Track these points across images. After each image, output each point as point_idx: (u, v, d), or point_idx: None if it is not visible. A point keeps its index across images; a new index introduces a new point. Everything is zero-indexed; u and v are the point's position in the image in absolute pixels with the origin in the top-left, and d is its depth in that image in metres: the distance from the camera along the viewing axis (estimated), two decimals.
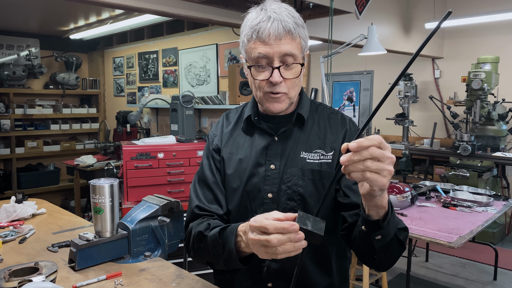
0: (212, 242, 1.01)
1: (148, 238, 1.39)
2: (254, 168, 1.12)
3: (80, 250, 1.25)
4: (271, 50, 0.99)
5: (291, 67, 1.03)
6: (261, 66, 1.03)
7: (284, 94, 1.05)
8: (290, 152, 1.11)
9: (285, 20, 0.99)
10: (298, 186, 1.08)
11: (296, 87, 1.07)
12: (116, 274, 1.23)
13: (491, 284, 3.35)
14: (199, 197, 1.16)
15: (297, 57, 1.02)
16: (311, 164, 1.10)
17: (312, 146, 1.11)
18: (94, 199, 1.31)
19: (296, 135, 1.13)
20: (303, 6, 3.12)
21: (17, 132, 5.63)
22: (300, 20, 1.05)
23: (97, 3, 2.48)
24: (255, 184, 1.10)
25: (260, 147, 1.13)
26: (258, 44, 1.00)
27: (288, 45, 1.00)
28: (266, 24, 0.99)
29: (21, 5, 4.35)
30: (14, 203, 1.83)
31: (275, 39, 0.99)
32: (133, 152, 2.87)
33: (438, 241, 2.27)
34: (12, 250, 1.45)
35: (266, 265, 1.09)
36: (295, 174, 1.09)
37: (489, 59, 4.33)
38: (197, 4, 2.81)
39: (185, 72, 5.32)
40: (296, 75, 1.04)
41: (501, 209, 2.93)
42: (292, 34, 1.00)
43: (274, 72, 1.01)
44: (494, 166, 4.29)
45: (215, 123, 1.29)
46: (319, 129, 1.14)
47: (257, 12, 1.03)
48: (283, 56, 1.00)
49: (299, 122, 1.14)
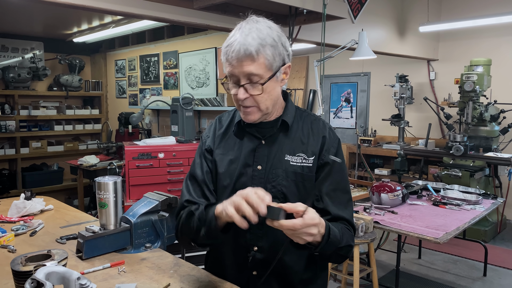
0: (198, 214, 1.19)
1: (149, 231, 1.52)
2: (243, 168, 1.24)
3: (87, 241, 1.38)
4: (236, 70, 1.12)
5: (255, 85, 1.14)
6: (231, 83, 1.16)
7: (254, 107, 1.17)
8: (276, 155, 1.24)
9: (248, 43, 1.09)
10: (281, 186, 1.21)
11: (266, 101, 1.17)
12: (120, 263, 1.36)
13: (481, 280, 3.46)
14: (190, 192, 1.27)
15: (262, 75, 1.13)
16: (294, 166, 1.22)
17: (295, 149, 1.24)
18: (99, 194, 1.43)
19: (281, 140, 1.25)
20: (298, 12, 3.24)
21: (22, 132, 5.78)
22: (270, 39, 1.12)
23: (100, 10, 2.60)
24: (244, 182, 1.23)
25: (248, 150, 1.25)
26: (227, 64, 1.14)
27: (249, 67, 1.10)
28: (231, 48, 1.11)
29: (26, 9, 4.49)
30: (23, 200, 1.96)
31: (237, 61, 1.10)
32: (135, 152, 3.00)
33: (425, 237, 2.38)
34: (23, 242, 1.57)
35: (251, 255, 1.23)
36: (279, 175, 1.22)
37: (481, 62, 4.44)
38: (196, 11, 2.93)
39: (185, 74, 5.45)
40: (260, 92, 1.15)
41: (489, 207, 3.04)
42: (253, 57, 1.09)
43: (240, 89, 1.14)
44: (486, 166, 4.39)
45: (208, 125, 1.41)
46: (303, 134, 1.26)
47: (233, 32, 1.15)
48: (247, 75, 1.12)
49: (284, 128, 1.26)
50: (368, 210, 2.80)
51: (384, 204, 2.91)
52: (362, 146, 5.55)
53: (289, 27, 3.28)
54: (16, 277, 1.10)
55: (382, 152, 5.48)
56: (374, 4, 4.06)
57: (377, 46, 4.26)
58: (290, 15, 3.23)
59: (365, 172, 5.50)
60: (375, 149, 5.57)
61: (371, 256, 2.77)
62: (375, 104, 6.17)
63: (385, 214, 2.76)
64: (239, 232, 1.17)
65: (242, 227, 1.03)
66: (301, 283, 1.26)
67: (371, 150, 5.60)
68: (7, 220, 1.82)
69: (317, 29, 3.42)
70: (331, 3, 3.02)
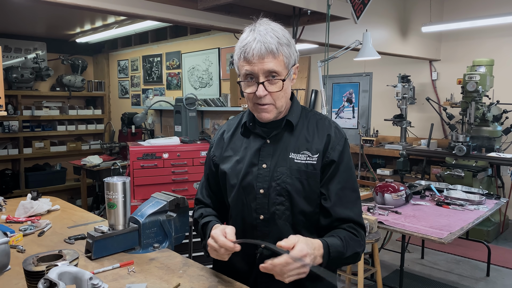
0: (199, 230, 1.37)
1: (157, 231, 1.53)
2: (249, 167, 1.27)
3: (96, 241, 1.39)
4: (255, 68, 1.15)
5: (275, 82, 1.18)
6: (249, 81, 1.19)
7: (270, 105, 1.21)
8: (280, 153, 1.26)
9: (268, 41, 1.14)
10: (286, 184, 1.23)
11: (282, 98, 1.21)
12: (129, 263, 1.37)
13: (484, 280, 3.47)
14: (201, 192, 1.44)
15: (281, 72, 1.17)
16: (298, 164, 1.24)
17: (300, 148, 1.25)
18: (108, 195, 1.44)
19: (286, 138, 1.27)
20: (302, 13, 3.24)
21: (25, 133, 5.79)
22: (285, 39, 1.18)
23: (104, 11, 2.61)
24: (249, 181, 1.26)
25: (254, 149, 1.28)
26: (244, 63, 1.17)
27: (270, 63, 1.15)
28: (250, 46, 1.15)
29: (29, 10, 4.50)
30: (30, 200, 1.97)
31: (258, 58, 1.14)
32: (140, 153, 3.01)
33: (430, 237, 2.39)
34: (32, 242, 1.58)
35: (259, 252, 1.25)
36: (284, 173, 1.23)
37: (484, 62, 4.44)
38: (200, 11, 2.94)
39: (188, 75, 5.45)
40: (280, 88, 1.19)
41: (492, 207, 3.05)
42: (274, 54, 1.15)
43: (259, 86, 1.17)
44: (488, 166, 4.40)
45: (218, 130, 1.46)
46: (308, 133, 1.28)
47: (247, 33, 1.18)
48: (267, 72, 1.16)
49: (289, 127, 1.28)
50: (372, 210, 2.81)
51: (388, 204, 2.92)
52: (364, 146, 5.56)
53: (293, 27, 3.29)
54: (28, 277, 1.11)
55: (384, 152, 5.48)
56: (376, 4, 4.07)
57: (379, 47, 4.26)
58: (294, 15, 3.23)
59: (367, 172, 5.51)
60: (377, 149, 5.57)
61: (375, 256, 2.77)
62: (377, 104, 6.17)
63: (389, 214, 2.77)
64: (247, 229, 1.25)
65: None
66: (308, 279, 1.27)
67: (373, 150, 5.60)
68: (14, 220, 1.83)
69: (320, 30, 3.43)
70: (334, 4, 3.02)
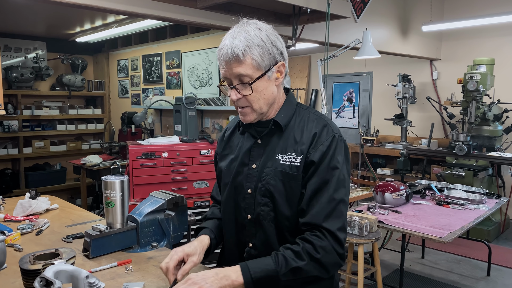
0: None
1: (155, 230, 1.52)
2: (240, 167, 1.28)
3: (94, 240, 1.38)
4: (227, 73, 1.17)
5: (246, 85, 1.16)
6: (226, 85, 1.21)
7: (247, 107, 1.20)
8: (269, 153, 1.25)
9: (235, 46, 1.13)
10: (269, 185, 1.21)
11: (259, 100, 1.19)
12: (127, 262, 1.36)
13: (485, 280, 3.46)
14: (216, 189, 1.47)
15: (251, 75, 1.15)
16: (283, 165, 1.21)
17: (288, 148, 1.23)
18: (106, 193, 1.43)
19: (276, 138, 1.26)
20: (302, 12, 3.23)
21: (25, 132, 5.78)
22: (258, 39, 1.14)
23: (104, 10, 2.61)
24: (240, 181, 1.27)
25: (245, 149, 1.29)
26: (221, 67, 1.19)
27: (237, 68, 1.14)
28: (220, 52, 1.17)
29: (29, 9, 4.50)
30: (29, 199, 1.96)
31: (226, 64, 1.16)
32: (139, 152, 3.00)
33: (430, 237, 2.38)
34: (30, 241, 1.58)
35: (247, 251, 1.27)
36: (269, 174, 1.22)
37: (485, 61, 4.43)
38: (200, 10, 2.93)
39: (188, 74, 5.45)
40: (250, 91, 1.17)
41: (493, 206, 3.04)
42: (239, 58, 1.13)
43: (232, 91, 1.19)
44: (489, 166, 4.39)
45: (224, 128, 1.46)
46: (298, 133, 1.24)
47: (225, 37, 1.18)
48: (238, 76, 1.16)
49: (278, 127, 1.26)
50: (372, 209, 2.80)
51: (388, 203, 2.91)
52: (364, 145, 5.55)
53: (293, 26, 3.28)
54: (24, 275, 1.10)
55: (385, 152, 5.48)
56: (376, 3, 4.06)
57: (379, 46, 4.25)
58: (293, 14, 3.22)
59: (368, 171, 5.50)
60: (378, 149, 5.56)
61: (375, 255, 2.76)
62: (377, 103, 6.16)
63: (389, 214, 2.76)
64: (239, 228, 1.27)
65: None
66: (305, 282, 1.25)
67: (373, 150, 5.59)
68: (13, 219, 1.82)
69: (320, 29, 3.42)
70: (334, 3, 3.01)
